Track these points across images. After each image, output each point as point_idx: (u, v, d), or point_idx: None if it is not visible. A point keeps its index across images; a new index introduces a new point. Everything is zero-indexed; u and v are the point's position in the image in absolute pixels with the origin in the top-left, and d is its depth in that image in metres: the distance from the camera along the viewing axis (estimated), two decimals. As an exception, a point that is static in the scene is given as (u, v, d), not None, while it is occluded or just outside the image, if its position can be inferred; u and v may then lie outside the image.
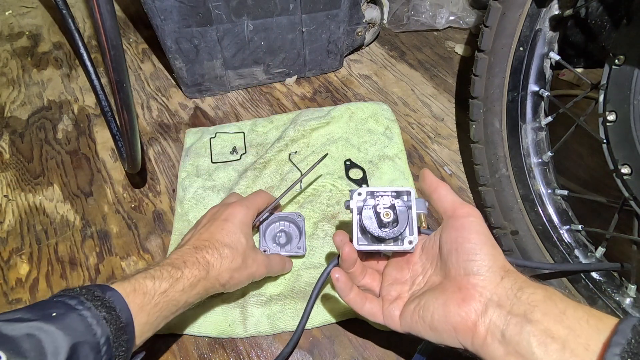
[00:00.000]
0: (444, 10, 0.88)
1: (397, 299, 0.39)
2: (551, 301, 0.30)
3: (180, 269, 0.40)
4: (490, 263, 0.33)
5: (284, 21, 0.69)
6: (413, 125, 0.72)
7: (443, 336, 0.34)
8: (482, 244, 0.34)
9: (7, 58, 0.86)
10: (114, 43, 0.41)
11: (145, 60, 0.85)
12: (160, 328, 0.39)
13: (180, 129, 0.72)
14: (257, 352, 0.48)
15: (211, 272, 0.42)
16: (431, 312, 0.35)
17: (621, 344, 0.26)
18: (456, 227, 0.36)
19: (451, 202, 0.38)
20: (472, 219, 0.36)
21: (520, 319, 0.30)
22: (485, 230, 0.35)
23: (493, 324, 0.31)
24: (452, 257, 0.35)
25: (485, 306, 0.32)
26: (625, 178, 0.41)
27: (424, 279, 0.39)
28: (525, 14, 0.49)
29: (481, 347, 0.32)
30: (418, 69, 0.82)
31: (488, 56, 0.54)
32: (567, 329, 0.28)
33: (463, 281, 0.34)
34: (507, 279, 0.33)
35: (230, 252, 0.44)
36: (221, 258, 0.43)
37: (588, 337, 0.28)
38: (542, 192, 0.51)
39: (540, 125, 0.53)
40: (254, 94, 0.78)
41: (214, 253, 0.43)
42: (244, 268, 0.45)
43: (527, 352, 0.29)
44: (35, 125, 0.74)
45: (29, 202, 0.63)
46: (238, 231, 0.46)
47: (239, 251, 0.44)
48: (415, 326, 0.36)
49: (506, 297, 0.32)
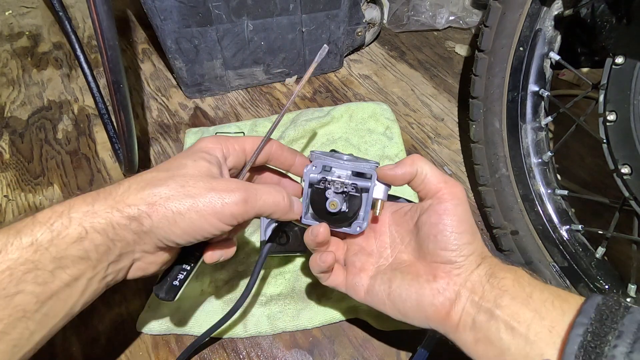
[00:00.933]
0: (444, 10, 0.88)
1: (362, 271, 0.38)
2: (519, 285, 0.30)
3: (33, 215, 0.27)
4: (469, 252, 0.33)
5: (284, 21, 0.69)
6: (413, 125, 0.72)
7: (414, 322, 0.34)
8: (464, 233, 0.33)
9: (7, 58, 0.86)
10: (111, 43, 0.41)
11: (145, 60, 0.85)
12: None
13: (180, 129, 0.72)
14: (257, 352, 0.48)
15: (105, 202, 0.28)
16: (403, 300, 0.34)
17: (584, 324, 0.26)
18: (439, 211, 0.33)
19: (436, 182, 0.34)
20: (456, 203, 0.33)
21: (491, 305, 0.30)
22: (467, 217, 0.33)
23: (465, 312, 0.31)
24: (430, 242, 0.33)
25: (459, 294, 0.32)
26: (625, 178, 0.41)
27: (392, 253, 0.38)
28: (525, 14, 0.49)
29: (453, 333, 0.32)
30: (418, 69, 0.82)
31: (488, 56, 0.54)
32: (532, 312, 0.28)
33: (439, 269, 0.33)
34: (482, 265, 0.32)
35: (151, 175, 0.30)
36: (131, 183, 0.29)
37: (553, 319, 0.28)
38: (542, 192, 0.51)
39: (540, 125, 0.53)
40: (254, 94, 0.78)
41: (123, 181, 0.30)
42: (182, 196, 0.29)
43: (495, 337, 0.29)
44: (35, 125, 0.74)
45: (29, 202, 0.63)
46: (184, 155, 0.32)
47: (173, 173, 0.30)
48: (382, 307, 0.36)
49: (479, 284, 0.31)
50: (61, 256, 0.26)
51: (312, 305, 0.49)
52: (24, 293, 0.25)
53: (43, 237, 0.26)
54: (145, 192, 0.29)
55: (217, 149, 0.33)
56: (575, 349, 0.25)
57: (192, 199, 0.29)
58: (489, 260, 0.33)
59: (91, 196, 0.28)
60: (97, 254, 0.28)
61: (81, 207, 0.28)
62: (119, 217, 0.28)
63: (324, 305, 0.49)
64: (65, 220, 0.27)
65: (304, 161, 0.39)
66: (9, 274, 0.25)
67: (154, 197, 0.29)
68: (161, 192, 0.29)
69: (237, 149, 0.35)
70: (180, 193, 0.29)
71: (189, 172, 0.30)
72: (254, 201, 0.31)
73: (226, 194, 0.30)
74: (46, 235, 0.26)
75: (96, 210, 0.28)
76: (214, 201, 0.29)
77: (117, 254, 0.29)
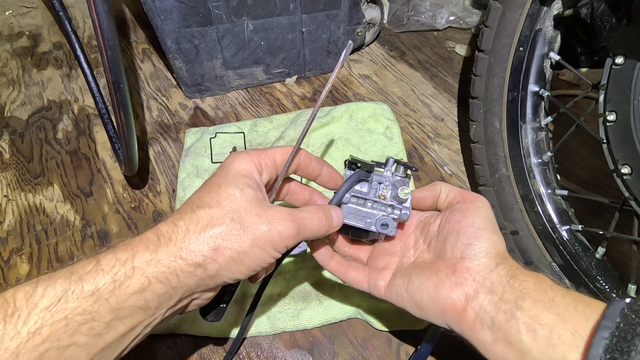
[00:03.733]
0: (444, 10, 0.88)
1: (384, 269, 0.39)
2: (541, 289, 0.30)
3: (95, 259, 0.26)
4: (489, 249, 0.33)
5: (284, 21, 0.69)
6: (413, 125, 0.72)
7: (430, 316, 0.34)
8: (485, 229, 0.34)
9: (7, 58, 0.86)
10: (111, 44, 0.41)
11: (145, 60, 0.85)
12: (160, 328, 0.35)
13: (180, 129, 0.72)
14: (257, 352, 0.48)
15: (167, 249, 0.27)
16: (421, 292, 0.34)
17: (609, 327, 0.25)
18: (462, 210, 0.36)
19: (458, 193, 0.38)
20: (479, 204, 0.36)
21: (511, 306, 0.30)
22: (490, 216, 0.35)
23: (483, 310, 0.31)
24: (452, 238, 0.35)
25: (477, 291, 0.32)
26: (625, 178, 0.41)
27: (415, 253, 0.39)
28: (526, 14, 0.49)
29: (469, 331, 0.32)
30: (418, 69, 0.82)
31: (488, 56, 0.54)
32: (555, 315, 0.28)
33: (458, 264, 0.33)
34: (502, 265, 0.32)
35: (207, 213, 0.29)
36: (188, 224, 0.28)
37: (576, 323, 0.28)
38: (542, 192, 0.51)
39: (540, 125, 0.53)
40: (254, 94, 0.78)
41: (177, 220, 0.29)
42: (240, 231, 0.29)
43: (515, 339, 0.29)
44: (35, 125, 0.74)
45: (29, 202, 0.63)
46: (227, 182, 0.31)
47: (226, 208, 0.29)
48: (400, 300, 0.36)
49: (499, 284, 0.31)
50: (120, 307, 0.26)
51: (312, 305, 0.49)
52: (77, 345, 0.24)
53: (105, 287, 0.25)
54: (206, 235, 0.28)
55: (253, 170, 0.33)
56: (600, 352, 0.25)
57: (252, 236, 0.29)
58: (510, 262, 0.33)
59: (152, 242, 0.28)
60: (158, 302, 0.27)
61: (144, 255, 0.27)
62: (183, 265, 0.28)
63: (324, 305, 0.49)
64: (129, 269, 0.26)
65: (330, 172, 0.39)
66: (65, 324, 0.24)
67: (216, 240, 0.28)
68: (222, 233, 0.29)
69: (270, 165, 0.35)
70: (240, 232, 0.29)
71: (241, 205, 0.30)
72: (303, 231, 0.32)
73: (281, 226, 0.30)
74: (108, 285, 0.25)
75: (160, 258, 0.27)
76: (272, 235, 0.30)
77: (178, 299, 0.29)
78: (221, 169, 0.33)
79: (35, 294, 0.24)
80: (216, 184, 0.31)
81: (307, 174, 0.39)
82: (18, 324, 0.23)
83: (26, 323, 0.23)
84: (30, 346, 0.23)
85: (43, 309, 0.23)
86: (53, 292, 0.24)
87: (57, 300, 0.24)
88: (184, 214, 0.29)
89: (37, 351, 0.23)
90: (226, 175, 0.32)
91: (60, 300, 0.24)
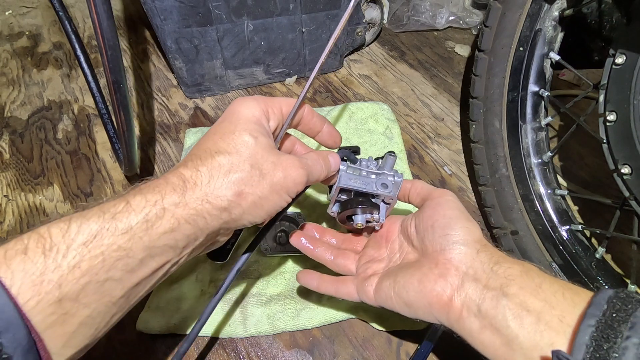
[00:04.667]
0: (444, 10, 0.88)
1: (372, 275, 0.40)
2: (528, 275, 0.30)
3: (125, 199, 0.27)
4: (466, 236, 0.34)
5: (284, 21, 0.69)
6: (413, 125, 0.72)
7: (418, 312, 0.34)
8: (457, 218, 0.35)
9: (7, 58, 0.86)
10: (111, 43, 0.41)
11: (145, 60, 0.85)
12: (163, 329, 0.36)
13: (180, 129, 0.72)
14: (257, 352, 0.48)
15: (193, 193, 0.28)
16: (407, 289, 0.35)
17: (596, 315, 0.26)
18: (432, 205, 0.37)
19: (427, 189, 0.40)
20: (447, 198, 0.37)
21: (497, 292, 0.30)
22: (459, 206, 0.37)
23: (469, 298, 0.31)
24: (429, 234, 0.36)
25: (462, 280, 0.32)
26: (625, 178, 0.41)
27: (400, 257, 0.40)
28: (526, 14, 0.49)
29: (457, 322, 0.32)
30: (418, 69, 0.82)
31: (488, 56, 0.54)
32: (542, 301, 0.28)
33: (440, 257, 0.34)
34: (483, 252, 0.33)
35: (227, 160, 0.30)
36: (211, 170, 0.29)
37: (563, 310, 0.28)
38: (542, 192, 0.51)
39: (540, 125, 0.53)
40: (254, 94, 0.78)
41: (199, 166, 0.29)
42: (259, 177, 0.30)
43: (502, 325, 0.29)
44: (35, 125, 0.74)
45: (29, 202, 0.63)
46: (241, 129, 0.31)
47: (244, 155, 0.30)
48: (389, 302, 0.36)
49: (482, 271, 0.32)
50: (152, 245, 0.27)
51: (312, 305, 0.49)
52: (113, 280, 0.25)
53: (138, 226, 0.26)
54: (229, 180, 0.29)
55: (262, 117, 0.33)
56: (586, 339, 0.25)
57: (270, 182, 0.31)
58: (490, 248, 0.33)
59: (179, 186, 0.28)
60: (185, 242, 0.29)
61: (172, 197, 0.28)
62: (210, 208, 0.29)
63: (324, 305, 0.49)
64: (159, 210, 0.27)
65: (331, 129, 0.41)
66: (102, 259, 0.25)
67: (239, 185, 0.30)
68: (245, 179, 0.30)
69: (276, 113, 0.35)
70: (260, 178, 0.31)
71: (257, 152, 0.31)
72: (310, 176, 0.34)
73: (294, 172, 0.32)
74: (142, 225, 0.26)
75: (187, 201, 0.28)
76: (287, 181, 0.32)
77: (203, 240, 0.30)
78: (231, 113, 0.33)
79: (70, 230, 0.24)
80: (229, 130, 0.31)
81: (309, 129, 0.40)
82: (58, 258, 0.23)
83: (65, 257, 0.24)
84: (71, 279, 0.23)
85: (80, 244, 0.24)
86: (88, 229, 0.25)
87: (92, 237, 0.25)
88: (204, 159, 0.30)
89: (79, 284, 0.24)
90: (237, 121, 0.32)
91: (96, 237, 0.25)
